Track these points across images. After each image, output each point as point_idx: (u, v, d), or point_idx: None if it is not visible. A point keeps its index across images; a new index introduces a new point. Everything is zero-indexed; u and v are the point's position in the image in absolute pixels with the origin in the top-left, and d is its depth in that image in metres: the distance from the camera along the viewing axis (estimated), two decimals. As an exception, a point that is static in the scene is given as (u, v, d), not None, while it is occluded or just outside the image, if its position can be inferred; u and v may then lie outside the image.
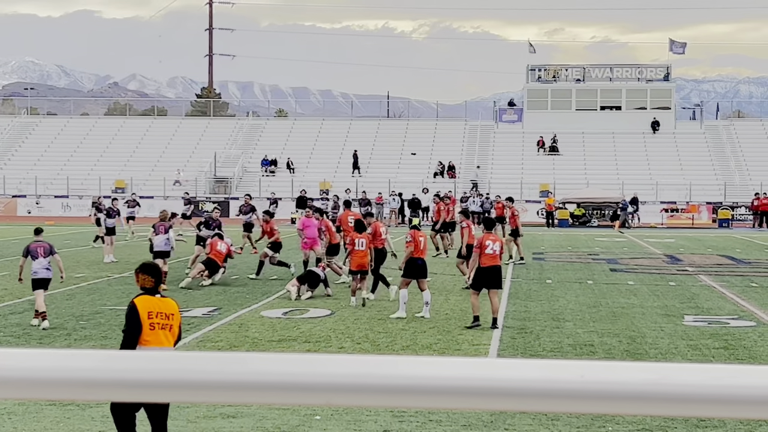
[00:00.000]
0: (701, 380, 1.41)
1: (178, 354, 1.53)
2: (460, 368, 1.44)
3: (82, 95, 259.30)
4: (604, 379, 1.39)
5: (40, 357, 1.57)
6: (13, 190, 71.90)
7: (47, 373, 1.56)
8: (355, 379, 1.46)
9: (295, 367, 1.48)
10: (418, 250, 20.44)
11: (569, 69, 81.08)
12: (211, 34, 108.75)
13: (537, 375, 1.39)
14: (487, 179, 71.67)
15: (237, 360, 1.49)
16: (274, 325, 18.81)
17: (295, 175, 72.98)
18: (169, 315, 9.68)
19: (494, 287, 18.83)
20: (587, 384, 1.38)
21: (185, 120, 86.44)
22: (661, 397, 1.40)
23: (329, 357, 1.49)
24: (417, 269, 20.30)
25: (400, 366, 1.47)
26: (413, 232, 20.92)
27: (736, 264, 33.86)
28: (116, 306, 21.22)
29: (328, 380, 1.47)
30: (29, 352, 1.55)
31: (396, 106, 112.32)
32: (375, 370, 1.47)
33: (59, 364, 1.56)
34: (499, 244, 19.21)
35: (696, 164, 73.16)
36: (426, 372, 1.45)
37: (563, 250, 39.42)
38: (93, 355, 1.56)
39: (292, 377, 1.46)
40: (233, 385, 1.47)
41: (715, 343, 17.06)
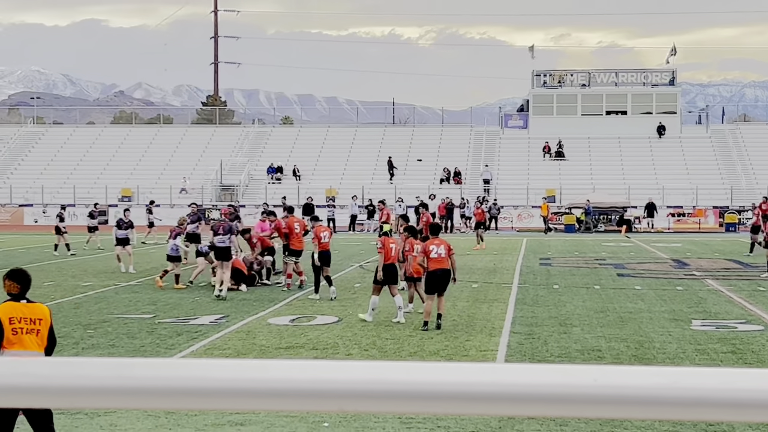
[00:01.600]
0: (712, 384, 1.41)
1: (189, 362, 1.54)
2: (471, 374, 1.44)
3: (88, 104, 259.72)
4: (616, 384, 1.39)
5: (49, 365, 1.58)
6: (20, 199, 72.04)
7: (54, 381, 1.56)
8: (367, 385, 1.46)
9: (308, 374, 1.48)
10: (389, 257, 20.56)
11: (574, 74, 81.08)
12: (217, 42, 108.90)
13: (549, 380, 1.39)
14: (494, 185, 71.70)
15: (253, 367, 1.49)
16: (282, 332, 18.81)
17: (301, 182, 73.02)
18: (36, 320, 9.83)
19: (442, 290, 19.27)
20: (600, 388, 1.38)
21: (191, 128, 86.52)
22: (672, 402, 1.40)
23: (341, 363, 1.49)
24: (387, 275, 20.47)
25: (412, 372, 1.47)
26: (384, 239, 21.14)
27: (743, 268, 33.80)
28: (124, 314, 21.25)
29: (340, 386, 1.47)
30: (36, 361, 1.56)
31: (401, 112, 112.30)
32: (387, 376, 1.47)
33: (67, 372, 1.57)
34: (444, 248, 19.36)
35: (702, 168, 73.08)
36: (436, 378, 1.45)
37: (570, 256, 39.39)
38: (103, 363, 1.56)
39: (305, 384, 1.46)
40: (247, 392, 1.47)
41: (724, 347, 17.02)
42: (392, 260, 20.67)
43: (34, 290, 24.98)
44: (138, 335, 18.39)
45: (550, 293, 25.47)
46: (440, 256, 19.24)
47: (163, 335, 18.38)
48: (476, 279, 29.22)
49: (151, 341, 17.73)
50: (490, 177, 72.89)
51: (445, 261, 19.33)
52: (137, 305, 22.96)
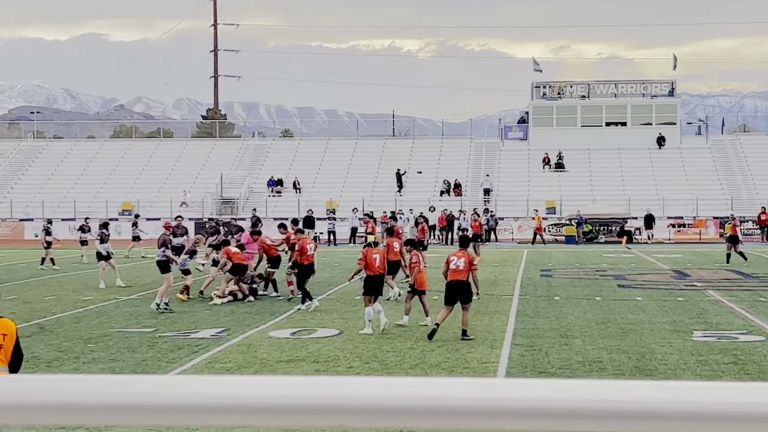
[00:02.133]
0: (714, 398, 1.41)
1: (186, 378, 1.53)
2: (472, 388, 1.44)
3: (88, 118, 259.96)
4: (616, 398, 1.39)
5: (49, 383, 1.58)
6: (21, 213, 72.04)
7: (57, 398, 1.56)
8: (368, 401, 1.46)
9: (307, 390, 1.48)
10: (372, 268, 20.59)
11: (574, 86, 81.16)
12: (216, 56, 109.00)
13: (549, 394, 1.39)
14: (494, 196, 71.72)
15: (252, 383, 1.49)
16: (283, 345, 18.78)
17: (301, 194, 73.03)
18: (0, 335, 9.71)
19: (463, 302, 19.41)
20: (600, 403, 1.38)
21: (191, 141, 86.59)
22: (674, 416, 1.40)
23: (341, 379, 1.49)
24: (373, 286, 20.53)
25: (410, 387, 1.47)
26: (366, 250, 21.25)
27: (744, 278, 33.77)
28: (124, 328, 21.23)
29: (341, 402, 1.47)
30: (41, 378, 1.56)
31: (401, 124, 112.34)
32: (387, 391, 1.47)
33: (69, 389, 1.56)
34: (465, 260, 19.53)
35: (702, 179, 73.10)
36: (437, 393, 1.45)
37: (571, 267, 39.36)
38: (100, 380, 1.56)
39: (304, 400, 1.46)
40: (246, 409, 1.47)
41: (725, 358, 16.99)
42: (376, 271, 20.69)
43: (35, 305, 24.93)
44: (139, 349, 18.37)
45: (551, 305, 25.44)
46: (458, 268, 19.43)
47: (164, 349, 18.36)
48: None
49: (152, 355, 17.70)
50: (490, 187, 73.04)
51: (463, 273, 19.47)
52: (138, 319, 22.94)
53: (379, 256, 20.85)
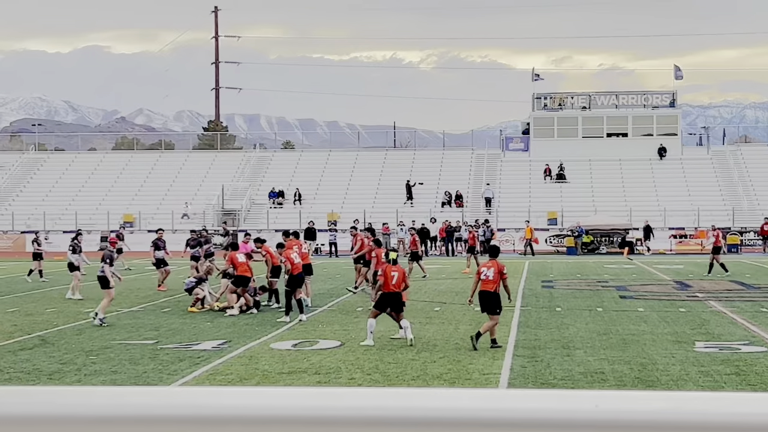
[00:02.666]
0: (715, 409, 1.41)
1: (185, 390, 1.53)
2: (473, 400, 1.44)
3: (89, 130, 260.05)
4: (618, 409, 1.39)
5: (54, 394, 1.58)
6: (22, 225, 72.04)
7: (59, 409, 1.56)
8: (369, 412, 1.46)
9: (311, 402, 1.48)
10: (388, 285, 20.51)
11: (575, 97, 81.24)
12: (218, 68, 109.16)
13: (551, 405, 1.39)
14: (495, 207, 71.73)
15: (252, 394, 1.49)
16: (284, 357, 18.77)
17: (302, 206, 73.06)
18: None
19: (490, 312, 19.82)
20: (602, 414, 1.38)
21: (192, 153, 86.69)
22: (675, 426, 1.40)
23: (343, 390, 1.49)
24: (388, 302, 20.54)
25: (413, 399, 1.47)
26: (385, 267, 21.08)
27: (746, 289, 33.75)
28: (126, 340, 21.22)
29: (342, 414, 1.47)
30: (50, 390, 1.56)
31: (402, 136, 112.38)
32: (388, 402, 1.47)
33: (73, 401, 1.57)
34: (494, 270, 19.92)
35: (703, 190, 73.11)
36: (438, 404, 1.45)
37: (572, 278, 39.34)
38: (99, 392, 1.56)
39: (307, 411, 1.46)
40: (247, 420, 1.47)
41: (727, 369, 16.97)
42: (392, 289, 20.59)
43: (36, 317, 24.96)
44: (140, 361, 18.36)
45: (553, 316, 25.42)
46: (487, 279, 19.94)
47: (165, 361, 18.34)
48: (478, 302, 29.19)
49: (153, 367, 17.69)
50: (491, 196, 73.16)
51: (492, 283, 19.90)
52: (140, 331, 22.93)
53: (398, 273, 20.72)
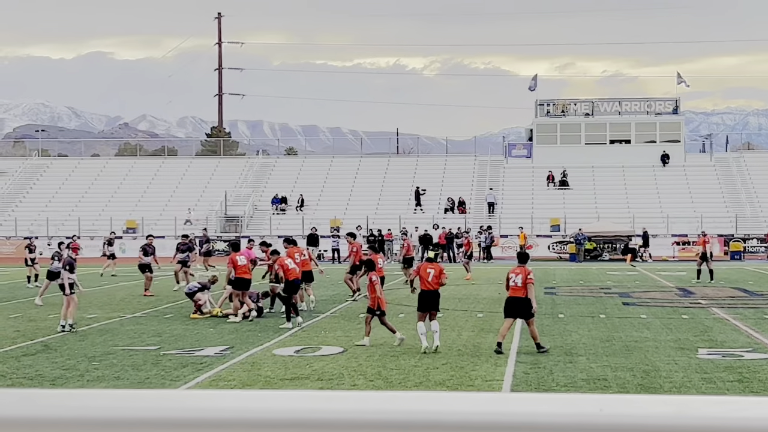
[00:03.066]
0: (719, 412, 1.41)
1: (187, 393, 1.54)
2: (477, 403, 1.44)
3: (92, 136, 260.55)
4: (622, 413, 1.39)
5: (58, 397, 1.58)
6: (25, 231, 72.03)
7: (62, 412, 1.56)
8: (372, 415, 1.46)
9: (309, 404, 1.48)
10: (424, 283, 20.53)
11: (578, 103, 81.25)
12: (221, 74, 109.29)
13: (555, 409, 1.39)
14: (498, 213, 71.75)
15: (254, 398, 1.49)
16: (287, 363, 18.76)
17: (305, 212, 73.08)
18: None
19: (524, 318, 20.08)
20: (606, 418, 1.38)
21: (195, 159, 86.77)
22: (679, 430, 1.40)
23: (345, 394, 1.49)
24: (426, 301, 20.44)
25: (417, 402, 1.47)
26: (421, 265, 21.11)
27: (749, 296, 33.72)
28: (129, 346, 21.22)
29: (344, 417, 1.47)
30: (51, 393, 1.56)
31: (405, 142, 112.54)
32: (392, 406, 1.47)
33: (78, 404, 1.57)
34: (521, 277, 20.11)
35: (706, 196, 73.10)
36: (442, 407, 1.45)
37: (575, 285, 39.32)
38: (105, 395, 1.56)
39: (308, 414, 1.46)
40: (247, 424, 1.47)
41: (730, 376, 16.95)
42: (429, 286, 20.58)
43: (39, 323, 24.93)
44: (143, 367, 18.36)
45: (556, 322, 25.41)
46: (516, 285, 20.16)
47: (168, 367, 18.34)
48: (481, 308, 29.20)
49: (156, 373, 17.69)
50: (494, 200, 73.27)
51: (520, 289, 20.10)
52: (142, 337, 22.93)
53: (433, 271, 20.73)
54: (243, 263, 27.01)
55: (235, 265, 26.83)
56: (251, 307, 26.54)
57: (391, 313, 27.48)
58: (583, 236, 61.04)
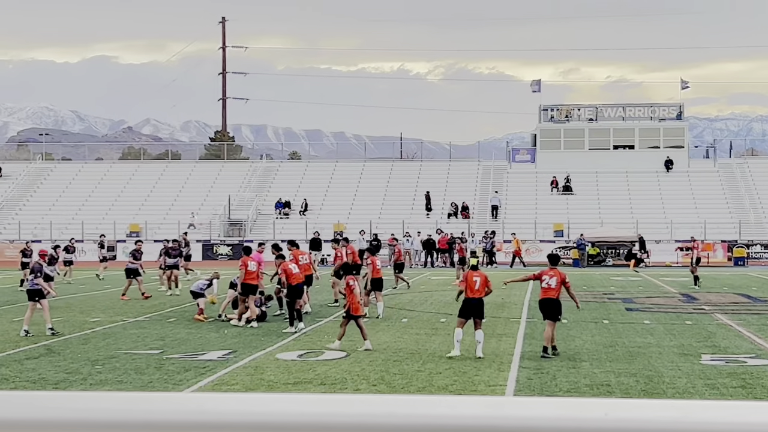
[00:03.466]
0: (724, 417, 1.41)
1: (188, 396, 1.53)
2: (482, 407, 1.44)
3: (96, 140, 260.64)
4: (627, 417, 1.39)
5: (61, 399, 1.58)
6: (29, 235, 72.06)
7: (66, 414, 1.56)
8: (375, 419, 1.46)
9: (315, 408, 1.48)
10: (472, 290, 20.43)
11: (582, 108, 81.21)
12: (225, 78, 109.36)
13: (560, 413, 1.39)
14: (502, 219, 71.72)
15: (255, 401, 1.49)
16: (290, 367, 18.76)
17: (308, 217, 73.10)
18: None
19: (551, 318, 20.38)
20: (611, 422, 1.38)
21: (199, 163, 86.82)
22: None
23: (346, 397, 1.49)
24: (470, 309, 20.35)
25: (420, 405, 1.47)
26: (467, 273, 21.01)
27: (752, 302, 33.69)
28: (131, 350, 21.23)
29: (346, 420, 1.47)
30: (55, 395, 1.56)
31: (409, 147, 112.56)
32: (395, 409, 1.47)
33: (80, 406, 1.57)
34: (556, 279, 20.60)
35: (710, 202, 73.05)
36: (447, 411, 1.45)
37: (578, 290, 39.22)
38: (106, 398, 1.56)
39: (311, 417, 1.46)
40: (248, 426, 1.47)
41: (733, 382, 16.94)
42: (475, 294, 20.49)
43: (42, 326, 24.89)
44: (146, 371, 18.36)
45: (559, 328, 25.33)
46: (549, 287, 20.65)
47: (171, 371, 18.34)
48: (485, 313, 29.15)
49: (159, 377, 17.69)
50: (498, 204, 73.33)
51: (554, 291, 20.59)
52: (145, 341, 22.94)
53: (480, 279, 20.65)
54: (253, 269, 26.98)
55: (246, 269, 26.84)
56: (256, 314, 26.49)
57: (393, 318, 27.53)
58: (584, 242, 60.99)
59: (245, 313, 26.24)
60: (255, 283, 26.88)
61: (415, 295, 36.48)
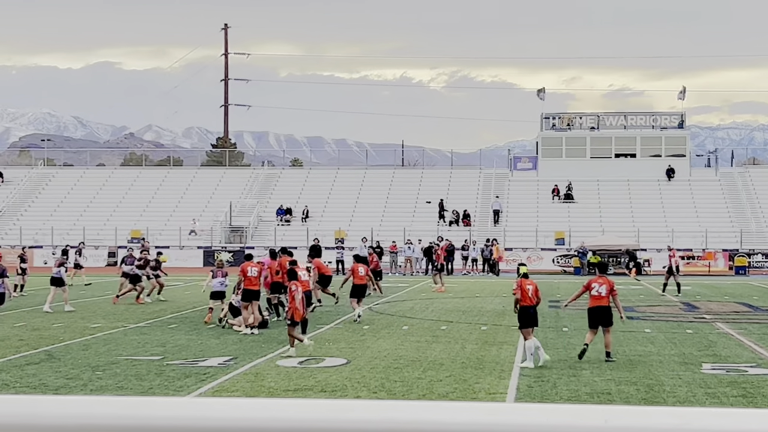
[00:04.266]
0: (724, 425, 1.41)
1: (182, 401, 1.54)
2: (482, 413, 1.45)
3: (98, 146, 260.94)
4: (627, 425, 1.39)
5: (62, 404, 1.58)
6: (30, 240, 72.14)
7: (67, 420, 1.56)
8: (375, 425, 1.47)
9: (314, 414, 1.49)
10: (526, 299, 20.36)
11: (583, 117, 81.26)
12: (227, 85, 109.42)
13: (560, 420, 1.39)
14: (503, 227, 71.71)
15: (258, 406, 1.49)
16: (290, 374, 18.74)
17: (309, 224, 73.10)
18: None
19: (605, 325, 20.69)
20: (611, 429, 1.38)
21: (201, 170, 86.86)
22: (684, 442, 1.40)
23: (345, 402, 1.49)
24: (529, 318, 20.33)
25: (421, 411, 1.47)
26: (520, 281, 20.91)
27: (753, 311, 33.66)
28: (132, 356, 21.22)
29: (345, 426, 1.47)
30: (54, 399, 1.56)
31: (410, 154, 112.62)
32: (395, 415, 1.47)
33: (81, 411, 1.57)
34: (606, 287, 20.92)
35: (711, 211, 73.04)
36: (447, 418, 1.45)
37: (579, 298, 39.21)
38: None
39: (319, 423, 1.46)
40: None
41: (734, 391, 16.92)
42: (530, 302, 20.42)
43: (43, 332, 24.95)
44: (146, 377, 18.35)
45: (560, 336, 25.38)
46: (600, 295, 20.93)
47: (171, 377, 18.33)
48: (485, 321, 29.16)
49: (159, 383, 17.68)
50: (499, 208, 73.41)
51: (604, 299, 20.87)
52: (146, 347, 22.93)
53: (532, 287, 20.56)
54: (254, 274, 26.93)
55: (245, 275, 26.75)
56: (258, 320, 26.35)
57: (394, 325, 27.52)
58: (585, 250, 60.96)
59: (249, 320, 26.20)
60: (256, 288, 26.83)
61: (416, 302, 36.46)
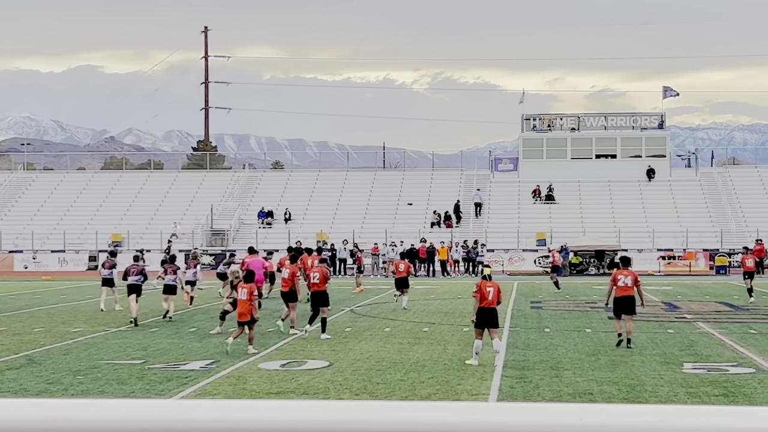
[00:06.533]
0: (701, 422, 1.42)
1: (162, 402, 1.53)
2: (461, 412, 1.45)
3: (78, 150, 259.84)
4: (603, 423, 1.39)
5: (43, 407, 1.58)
6: (10, 245, 71.89)
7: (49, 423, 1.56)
8: (357, 425, 1.46)
9: (297, 414, 1.48)
10: (485, 300, 20.39)
11: (564, 118, 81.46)
12: (207, 88, 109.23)
13: (537, 419, 1.40)
14: (485, 228, 71.79)
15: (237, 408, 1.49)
16: (272, 377, 18.72)
17: (291, 226, 73.02)
18: None
19: (628, 313, 22.82)
20: (586, 428, 1.39)
21: (181, 173, 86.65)
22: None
23: (327, 403, 1.49)
24: (485, 318, 20.38)
25: (402, 411, 1.47)
26: (480, 283, 20.92)
27: (734, 311, 33.79)
28: (113, 360, 21.15)
29: (328, 427, 1.47)
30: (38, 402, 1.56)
31: (392, 156, 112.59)
32: (376, 416, 1.47)
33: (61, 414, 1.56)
34: (631, 278, 22.95)
35: (692, 211, 73.31)
36: (427, 417, 1.45)
37: (561, 299, 39.34)
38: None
39: (303, 425, 1.46)
40: None
41: (715, 390, 16.99)
42: (489, 304, 20.47)
43: (24, 336, 24.88)
44: (128, 381, 18.30)
45: (542, 336, 25.42)
46: (626, 285, 22.94)
47: (153, 381, 18.28)
48: (467, 323, 29.17)
49: (141, 387, 17.63)
50: (481, 201, 73.69)
51: (630, 290, 22.94)
52: (127, 351, 22.86)
53: (493, 289, 20.61)
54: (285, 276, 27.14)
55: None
56: None
57: (376, 327, 27.54)
58: (567, 250, 61.09)
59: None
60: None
61: (397, 304, 36.47)
